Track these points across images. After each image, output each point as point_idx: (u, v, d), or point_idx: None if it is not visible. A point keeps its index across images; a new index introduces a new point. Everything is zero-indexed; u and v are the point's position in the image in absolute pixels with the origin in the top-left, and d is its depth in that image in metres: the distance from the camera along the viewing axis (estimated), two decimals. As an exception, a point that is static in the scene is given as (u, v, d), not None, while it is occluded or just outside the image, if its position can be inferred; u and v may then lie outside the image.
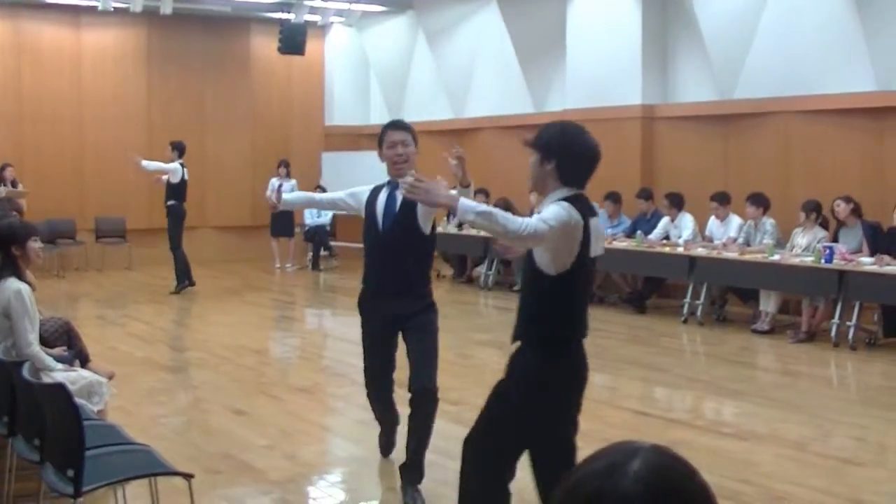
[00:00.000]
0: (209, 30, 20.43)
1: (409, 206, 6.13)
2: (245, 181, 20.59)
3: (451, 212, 4.72)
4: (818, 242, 11.82)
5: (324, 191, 19.48)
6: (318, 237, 19.43)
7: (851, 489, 6.47)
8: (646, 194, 14.52)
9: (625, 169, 15.36)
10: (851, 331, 11.25)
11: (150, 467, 5.16)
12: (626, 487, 1.49)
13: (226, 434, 7.86)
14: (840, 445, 7.67)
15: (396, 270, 6.28)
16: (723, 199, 13.32)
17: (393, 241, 6.33)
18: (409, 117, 20.71)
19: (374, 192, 6.60)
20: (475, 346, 12.00)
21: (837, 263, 11.31)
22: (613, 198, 14.77)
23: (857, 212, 11.85)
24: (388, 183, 6.54)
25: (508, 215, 4.56)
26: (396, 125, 6.71)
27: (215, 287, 16.78)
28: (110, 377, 6.97)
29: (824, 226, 12.21)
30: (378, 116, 21.82)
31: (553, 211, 4.60)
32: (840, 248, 11.57)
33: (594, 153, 5.11)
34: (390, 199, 6.54)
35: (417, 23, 20.34)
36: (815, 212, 12.11)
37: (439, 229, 16.95)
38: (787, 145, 13.77)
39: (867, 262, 11.24)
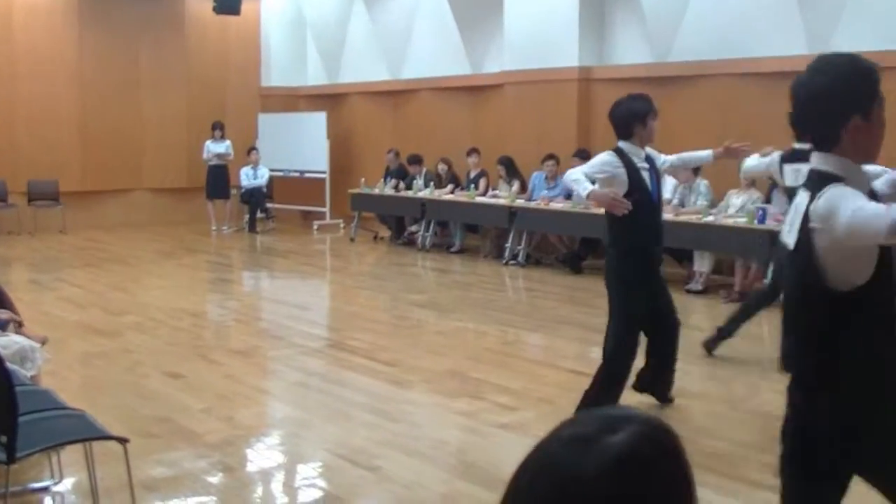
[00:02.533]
0: (143, -11, 20.15)
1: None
2: (180, 143, 20.39)
3: None
4: (752, 204, 11.96)
5: (257, 152, 19.43)
6: (255, 199, 19.32)
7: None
8: (583, 154, 14.56)
9: (562, 131, 15.44)
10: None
11: (85, 432, 5.13)
12: (596, 463, 1.38)
13: (162, 398, 7.83)
14: (769, 400, 7.79)
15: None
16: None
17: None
18: (345, 79, 20.81)
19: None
20: (412, 307, 12.03)
21: (770, 225, 11.46)
22: (555, 160, 14.83)
23: (789, 173, 11.97)
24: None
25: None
26: None
27: (151, 250, 16.66)
28: (43, 342, 6.91)
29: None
30: (315, 77, 21.74)
31: None
32: (773, 209, 11.71)
33: None
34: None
35: (354, -17, 20.23)
36: (747, 176, 12.25)
37: (376, 191, 17.04)
38: (722, 107, 13.88)
39: (799, 223, 11.38)
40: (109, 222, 19.12)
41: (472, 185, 15.91)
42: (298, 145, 19.96)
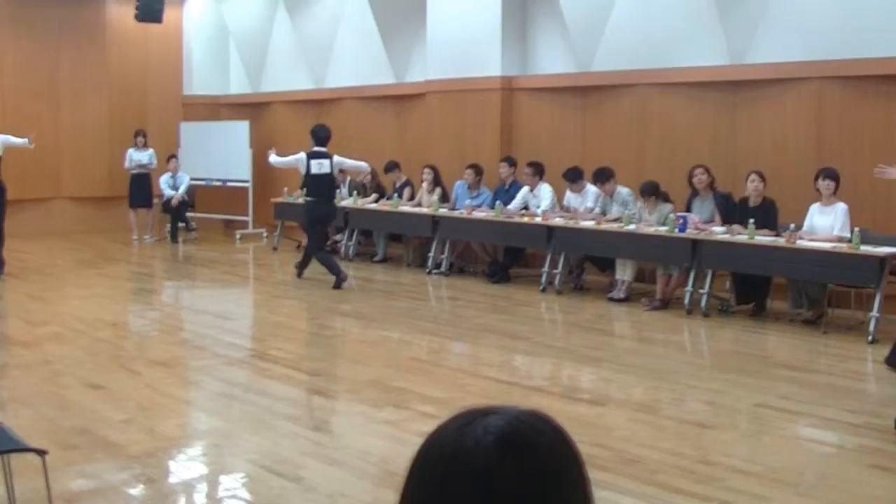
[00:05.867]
0: (63, -4, 19.90)
1: None
2: (102, 151, 20.16)
3: None
4: (666, 217, 12.13)
5: (176, 160, 19.28)
6: (177, 208, 19.14)
7: (702, 451, 6.67)
8: (510, 161, 14.65)
9: (485, 140, 15.52)
10: (704, 298, 11.56)
11: (2, 444, 5.05)
12: (476, 437, 1.48)
13: (82, 409, 7.73)
14: (692, 409, 7.89)
15: None
16: (574, 177, 13.52)
17: None
18: (269, 88, 20.72)
19: None
20: (335, 316, 12.02)
21: (691, 233, 11.62)
22: (476, 169, 14.88)
23: (710, 182, 12.18)
24: None
25: None
26: None
27: (71, 259, 16.46)
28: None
29: (668, 199, 12.54)
30: (238, 86, 21.63)
31: None
32: (693, 217, 11.87)
33: None
34: None
35: (278, -8, 20.16)
36: (652, 194, 12.45)
37: (300, 200, 16.91)
38: (644, 117, 14.04)
39: (719, 232, 11.58)
40: (28, 231, 18.82)
41: (396, 195, 15.91)
42: (221, 154, 19.82)
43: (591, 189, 13.41)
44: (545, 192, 13.94)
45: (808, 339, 10.39)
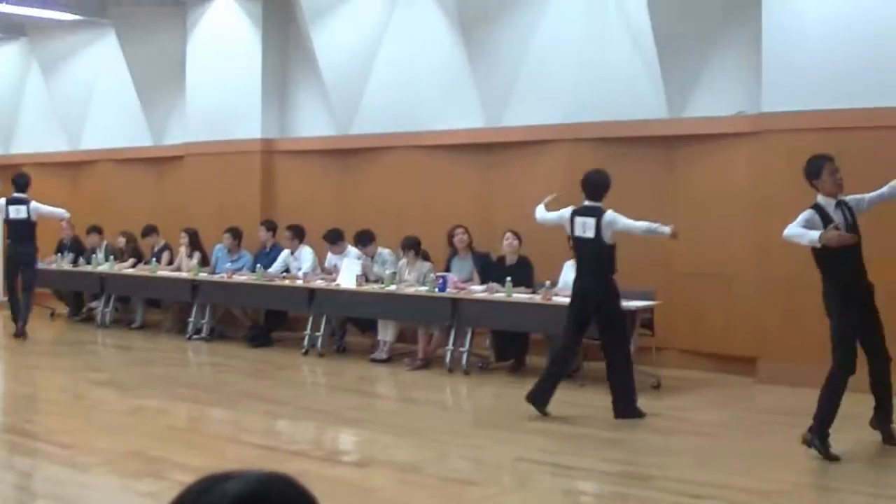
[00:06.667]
0: None
1: None
2: None
3: None
4: (426, 276, 12.28)
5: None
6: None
7: (464, 508, 6.71)
8: (269, 225, 14.56)
9: (246, 203, 15.41)
10: (465, 356, 11.71)
11: None
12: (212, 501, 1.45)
13: None
14: (455, 466, 7.94)
15: None
16: (335, 238, 13.54)
17: None
18: (20, 149, 20.02)
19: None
20: (91, 386, 11.62)
21: (451, 292, 11.78)
22: (233, 233, 14.72)
23: (469, 242, 12.40)
24: None
25: None
26: None
27: None
28: None
29: (426, 258, 12.72)
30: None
31: None
32: (452, 277, 12.05)
33: None
34: None
35: (31, 51, 19.51)
36: (413, 249, 12.61)
37: (53, 266, 16.37)
38: (403, 179, 14.22)
39: (478, 291, 11.77)
40: None
41: (155, 259, 15.56)
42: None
43: (353, 250, 13.44)
44: (306, 254, 13.92)
45: (566, 393, 10.61)
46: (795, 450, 7.92)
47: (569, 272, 11.40)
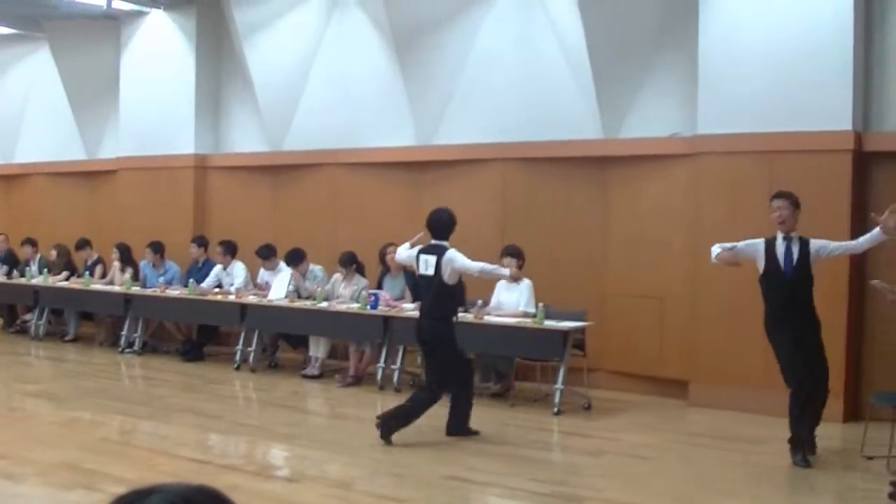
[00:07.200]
0: None
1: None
2: None
3: None
4: (361, 292, 12.40)
5: None
6: None
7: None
8: (200, 241, 14.62)
9: (178, 217, 15.45)
10: (396, 374, 11.84)
11: None
12: None
13: None
14: (385, 483, 8.06)
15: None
16: (267, 254, 13.62)
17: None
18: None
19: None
20: (25, 397, 11.61)
21: (382, 310, 11.91)
22: (154, 247, 14.78)
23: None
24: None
25: None
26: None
27: None
28: None
29: (362, 273, 12.85)
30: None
31: None
32: (384, 294, 12.19)
33: None
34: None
35: (-37, 64, 19.41)
36: (352, 263, 12.73)
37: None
38: (335, 195, 14.34)
39: (409, 308, 11.90)
40: None
41: (88, 273, 15.54)
42: None
43: (284, 268, 13.51)
44: (238, 269, 14.00)
45: (497, 412, 10.76)
46: (727, 472, 8.16)
47: (501, 291, 11.58)
